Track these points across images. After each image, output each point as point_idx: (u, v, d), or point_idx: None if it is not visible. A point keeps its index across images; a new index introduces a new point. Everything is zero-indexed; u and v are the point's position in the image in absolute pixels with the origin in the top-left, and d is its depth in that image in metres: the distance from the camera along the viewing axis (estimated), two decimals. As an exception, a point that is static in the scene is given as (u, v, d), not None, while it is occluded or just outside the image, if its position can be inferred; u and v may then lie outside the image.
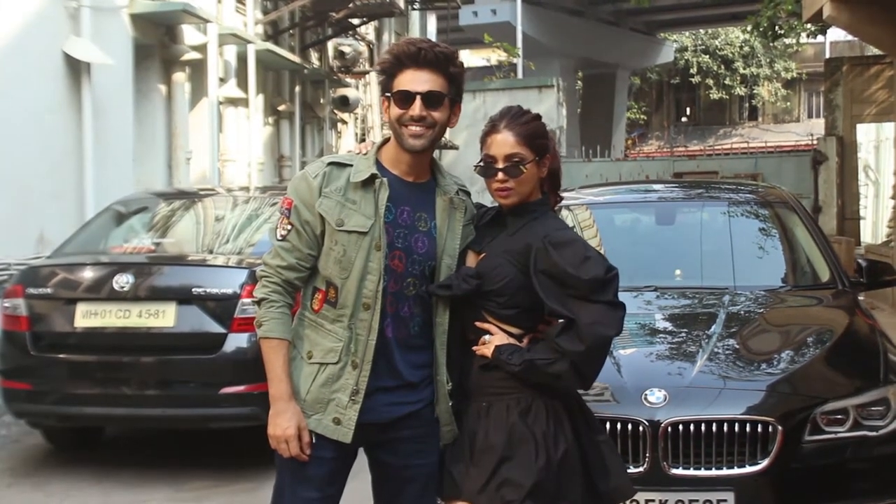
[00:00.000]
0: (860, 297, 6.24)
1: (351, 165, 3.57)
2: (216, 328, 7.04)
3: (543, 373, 3.44)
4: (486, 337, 3.53)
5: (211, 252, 8.00)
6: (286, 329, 3.53)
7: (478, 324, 3.56)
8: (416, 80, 3.48)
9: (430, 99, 3.48)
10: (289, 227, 3.54)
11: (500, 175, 3.56)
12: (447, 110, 3.55)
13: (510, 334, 3.53)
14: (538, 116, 3.68)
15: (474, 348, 3.55)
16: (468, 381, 3.63)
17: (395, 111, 3.50)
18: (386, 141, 3.64)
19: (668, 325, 5.91)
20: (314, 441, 3.47)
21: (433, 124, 3.50)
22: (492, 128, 3.63)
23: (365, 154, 3.62)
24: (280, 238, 3.56)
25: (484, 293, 3.52)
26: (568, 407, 3.56)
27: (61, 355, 7.29)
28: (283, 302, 3.54)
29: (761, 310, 6.03)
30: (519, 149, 3.56)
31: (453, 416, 3.63)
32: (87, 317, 7.20)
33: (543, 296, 3.46)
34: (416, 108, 3.47)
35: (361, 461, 3.68)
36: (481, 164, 3.61)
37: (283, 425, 3.45)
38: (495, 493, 3.45)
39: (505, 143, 3.57)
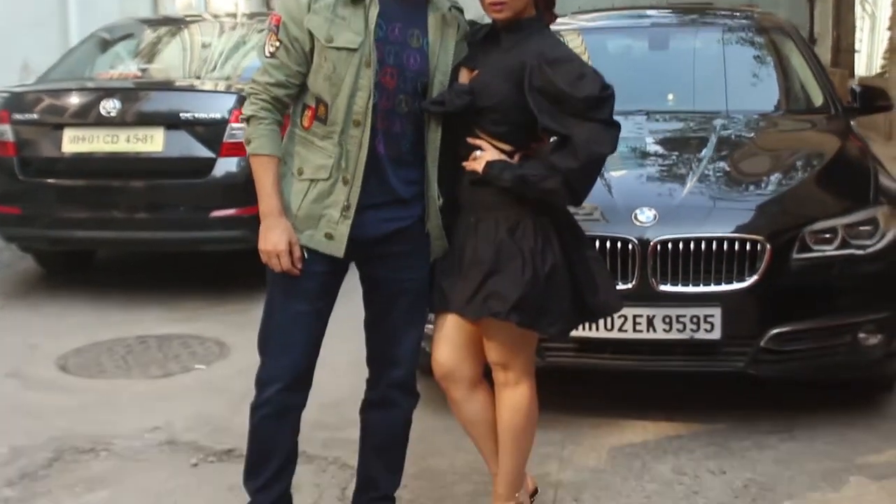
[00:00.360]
0: (853, 123, 6.25)
1: None
2: (205, 153, 7.06)
3: (535, 188, 3.46)
4: (478, 153, 3.55)
5: (198, 78, 7.96)
6: (276, 145, 3.54)
7: (469, 139, 3.57)
8: None
9: None
10: (277, 43, 3.51)
11: None
12: None
13: (502, 151, 3.55)
14: None
15: (465, 163, 3.57)
16: (458, 197, 3.66)
17: None
18: None
19: (659, 148, 5.93)
20: (306, 256, 3.51)
21: None
22: None
23: None
24: (269, 55, 3.53)
25: (477, 110, 3.51)
26: (557, 224, 3.59)
27: (50, 180, 7.32)
28: (272, 119, 3.54)
29: (753, 133, 6.05)
30: None
31: (444, 232, 3.68)
32: (75, 142, 7.20)
33: (537, 113, 3.47)
34: None
35: (353, 282, 3.74)
36: None
37: (273, 240, 3.47)
38: (482, 305, 3.51)
39: None
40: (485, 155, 3.53)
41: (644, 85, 6.58)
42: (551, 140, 3.56)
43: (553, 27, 3.78)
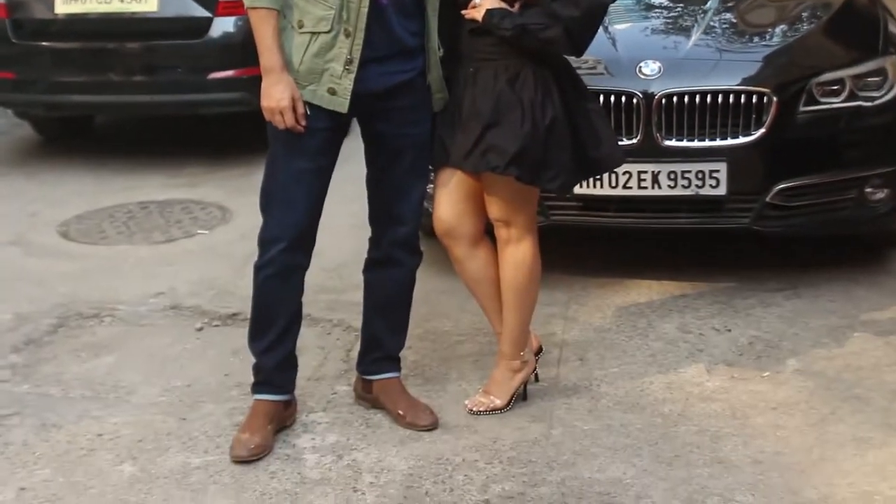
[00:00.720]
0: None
1: None
2: (201, 12, 6.96)
3: (535, 38, 3.41)
4: (477, 0, 3.49)
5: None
6: None
7: None
8: None
9: None
10: None
11: None
12: None
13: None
14: None
15: (464, 12, 3.51)
16: (458, 47, 3.60)
17: None
18: None
19: (664, 1, 5.84)
20: (308, 112, 3.47)
21: None
22: None
23: None
24: None
25: None
26: (557, 75, 3.54)
27: (44, 43, 7.23)
28: None
29: (760, -16, 5.94)
30: None
31: (444, 83, 3.63)
32: (68, 3, 7.08)
33: None
34: None
35: (354, 143, 3.71)
36: None
37: (276, 96, 3.41)
38: (480, 159, 3.48)
39: None
40: (484, 3, 3.46)
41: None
42: None
43: None
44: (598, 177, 4.46)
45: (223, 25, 6.94)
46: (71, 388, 4.10)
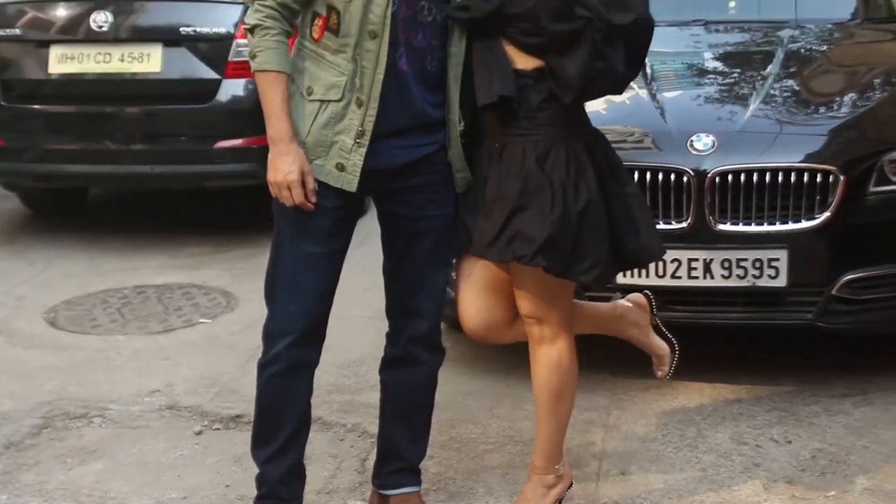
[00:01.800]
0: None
1: None
2: (209, 73, 7.03)
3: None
4: None
5: (201, -16, 7.89)
6: (284, 60, 3.48)
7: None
8: None
9: None
10: None
11: None
12: None
13: (524, 71, 3.49)
14: None
15: None
16: (481, 120, 3.60)
17: None
18: None
19: (719, 65, 5.87)
20: (317, 189, 3.49)
21: None
22: None
23: None
24: None
25: (506, 16, 3.43)
26: (592, 154, 3.53)
27: (36, 106, 7.34)
28: (280, 29, 3.48)
29: (826, 46, 5.98)
30: None
31: (466, 163, 3.62)
32: (63, 61, 7.19)
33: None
34: None
35: (372, 222, 3.73)
36: None
37: (284, 169, 3.40)
38: (506, 247, 3.46)
39: None
40: None
41: (702, -11, 6.51)
42: None
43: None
44: (640, 267, 4.45)
45: (232, 88, 7.01)
46: (54, 498, 4.10)
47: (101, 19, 7.08)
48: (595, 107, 4.94)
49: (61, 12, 7.37)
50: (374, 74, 3.41)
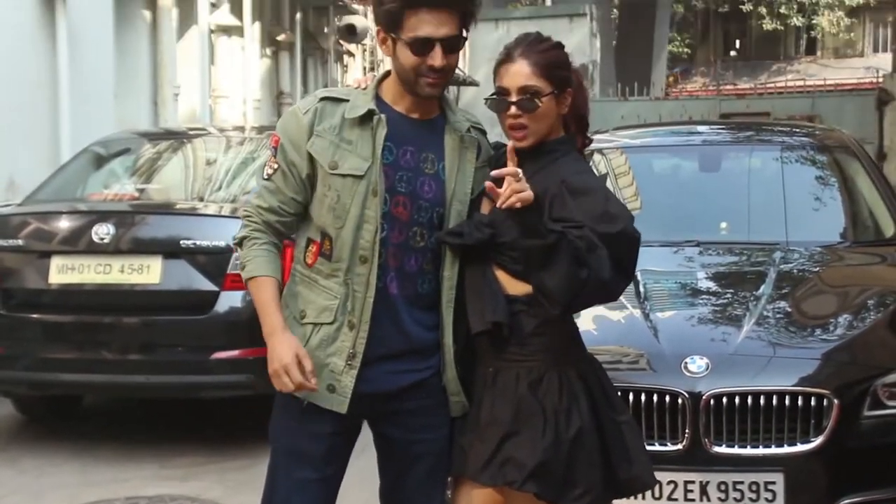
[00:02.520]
0: (930, 256, 6.21)
1: (346, 101, 3.52)
2: (207, 285, 7.03)
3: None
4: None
5: (201, 200, 7.98)
6: (273, 267, 3.51)
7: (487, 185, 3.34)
8: (433, 23, 3.40)
9: (451, 45, 3.43)
10: (275, 166, 3.54)
11: (513, 109, 3.50)
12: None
13: (516, 297, 3.49)
14: (559, 45, 3.61)
15: (499, 203, 3.28)
16: (475, 344, 3.58)
17: (410, 59, 3.42)
18: (388, 74, 3.59)
19: (712, 285, 5.91)
20: (308, 414, 3.47)
21: (448, 71, 3.44)
22: (505, 56, 3.57)
23: (364, 88, 3.58)
24: (266, 177, 3.57)
25: (497, 245, 3.46)
26: (586, 380, 3.52)
27: (34, 315, 7.32)
28: (267, 239, 3.53)
29: (817, 268, 6.01)
30: (535, 80, 3.50)
31: (461, 386, 3.60)
32: (64, 272, 7.21)
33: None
34: (438, 57, 3.40)
35: (368, 435, 3.68)
36: (493, 96, 3.57)
37: (279, 356, 3.40)
38: (498, 472, 3.44)
39: (519, 73, 3.51)
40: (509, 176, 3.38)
41: (694, 212, 6.62)
42: None
43: (595, 144, 3.77)
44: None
45: (230, 300, 7.01)
46: None
47: (102, 231, 7.12)
48: (589, 327, 5.00)
49: (64, 224, 7.44)
50: (364, 298, 3.44)
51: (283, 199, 3.52)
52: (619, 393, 4.46)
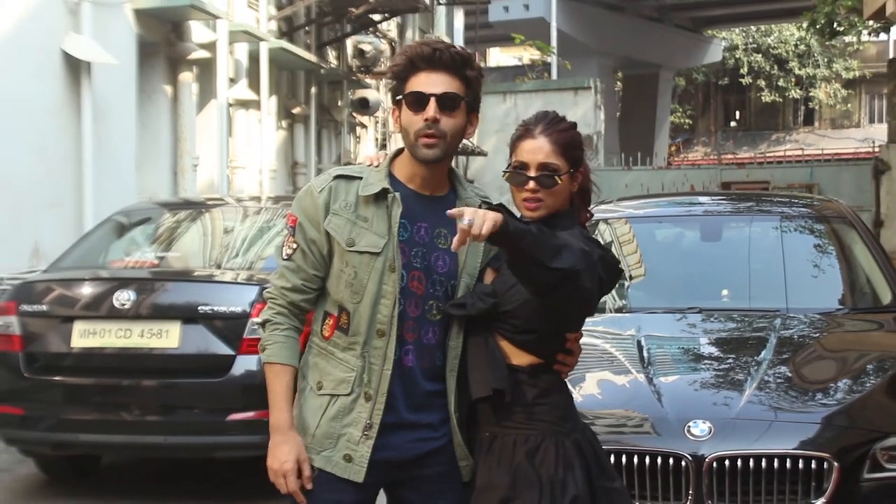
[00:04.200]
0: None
1: (360, 178, 3.55)
2: (224, 349, 7.04)
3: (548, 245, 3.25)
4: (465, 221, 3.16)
5: (219, 267, 8.02)
6: (291, 354, 3.53)
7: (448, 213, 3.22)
8: (430, 83, 3.46)
9: (446, 101, 3.46)
10: (294, 245, 3.54)
11: (532, 184, 3.52)
12: (463, 116, 3.52)
13: (518, 367, 3.49)
14: (575, 125, 3.65)
15: (450, 211, 3.20)
16: (473, 410, 3.59)
17: (407, 116, 3.48)
18: (400, 152, 3.62)
19: (714, 351, 5.90)
20: (316, 473, 3.46)
21: (447, 132, 3.48)
22: (525, 132, 3.59)
23: (377, 166, 3.61)
24: (285, 258, 3.56)
25: (500, 315, 3.48)
26: (580, 449, 3.51)
27: (57, 377, 7.32)
28: (289, 325, 3.54)
29: (816, 334, 6.01)
30: (555, 158, 3.53)
31: (467, 451, 3.59)
32: (85, 336, 7.22)
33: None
34: (431, 110, 3.43)
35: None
36: (511, 169, 3.59)
37: (281, 458, 3.44)
38: None
39: (540, 150, 3.53)
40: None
41: (697, 280, 6.64)
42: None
43: (599, 214, 3.77)
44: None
45: (246, 364, 7.01)
46: None
47: (124, 297, 7.14)
48: (594, 391, 5.02)
49: (86, 290, 7.47)
50: (381, 371, 3.45)
51: (305, 276, 3.53)
52: (624, 456, 4.50)
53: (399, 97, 3.52)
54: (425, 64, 3.47)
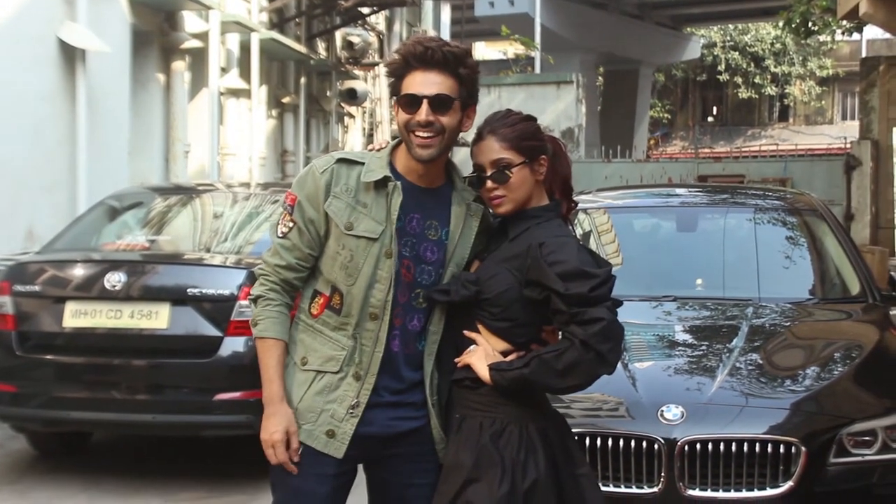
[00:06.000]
0: (893, 312, 6.21)
1: (361, 164, 3.54)
2: (212, 331, 7.03)
3: (553, 369, 3.35)
4: (472, 347, 3.50)
5: (208, 251, 8.00)
6: (283, 329, 3.53)
7: (466, 333, 3.53)
8: (423, 83, 3.45)
9: (438, 103, 3.45)
10: (290, 224, 3.53)
11: (488, 183, 3.53)
12: (457, 114, 3.51)
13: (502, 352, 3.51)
14: (528, 117, 3.64)
15: (456, 360, 3.52)
16: (448, 393, 3.60)
17: (402, 116, 3.47)
18: (401, 142, 3.61)
19: (688, 338, 5.91)
20: (311, 456, 3.46)
21: (441, 130, 3.46)
22: (477, 136, 3.61)
23: (378, 152, 3.60)
24: (280, 235, 3.55)
25: (480, 302, 3.49)
26: (545, 435, 3.50)
27: (48, 356, 7.30)
28: (281, 301, 3.53)
29: (787, 323, 6.02)
30: (504, 153, 3.52)
31: (443, 433, 3.60)
32: (77, 316, 7.20)
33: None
34: (423, 112, 3.43)
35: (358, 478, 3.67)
36: (471, 175, 3.61)
37: (271, 429, 3.44)
38: None
39: (489, 149, 3.54)
40: (474, 352, 3.48)
41: (672, 269, 6.64)
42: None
43: (580, 205, 3.77)
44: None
45: (233, 345, 7.00)
46: None
47: (115, 279, 7.12)
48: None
49: (78, 271, 7.45)
50: (372, 353, 3.46)
51: (299, 255, 3.52)
52: (599, 438, 4.51)
53: (396, 96, 3.52)
54: (418, 62, 3.46)
